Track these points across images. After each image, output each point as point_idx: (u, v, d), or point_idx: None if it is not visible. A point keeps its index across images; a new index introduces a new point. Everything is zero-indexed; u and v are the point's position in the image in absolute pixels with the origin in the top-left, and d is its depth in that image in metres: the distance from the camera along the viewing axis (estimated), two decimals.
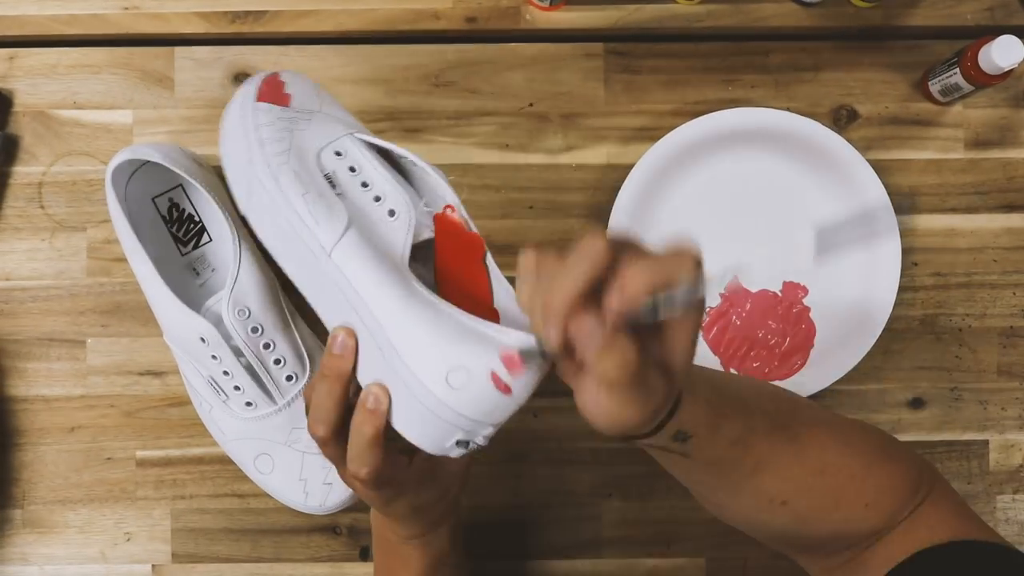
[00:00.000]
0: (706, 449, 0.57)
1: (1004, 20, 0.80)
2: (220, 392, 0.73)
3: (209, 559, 0.79)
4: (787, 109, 0.79)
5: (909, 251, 0.80)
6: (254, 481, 0.76)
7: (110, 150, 0.79)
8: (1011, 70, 0.72)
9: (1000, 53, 0.71)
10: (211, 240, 0.78)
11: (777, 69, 0.81)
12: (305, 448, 0.74)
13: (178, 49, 0.80)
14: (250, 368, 0.72)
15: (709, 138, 0.78)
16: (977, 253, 0.80)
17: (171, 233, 0.77)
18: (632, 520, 0.80)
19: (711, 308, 0.79)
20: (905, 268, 0.79)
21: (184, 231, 0.78)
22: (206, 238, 0.78)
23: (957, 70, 0.75)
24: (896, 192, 0.79)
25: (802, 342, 0.79)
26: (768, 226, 0.80)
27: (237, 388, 0.72)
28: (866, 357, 0.77)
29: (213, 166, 0.78)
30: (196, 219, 0.78)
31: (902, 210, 0.42)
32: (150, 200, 0.77)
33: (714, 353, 0.79)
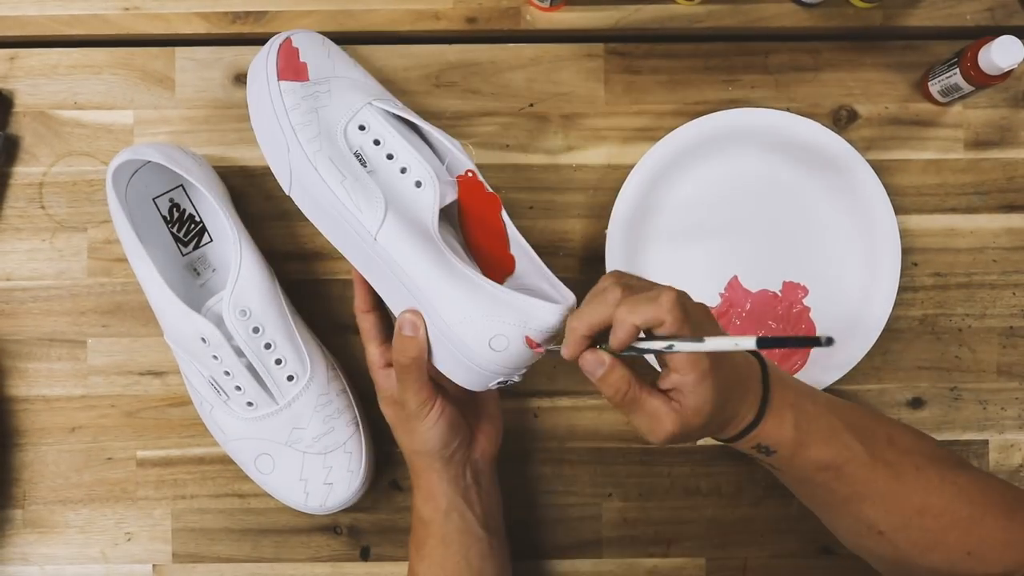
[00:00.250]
0: (792, 467, 0.61)
1: (1004, 20, 0.80)
2: (221, 392, 0.73)
3: (210, 559, 0.79)
4: (787, 109, 0.79)
5: (909, 251, 0.80)
6: (255, 481, 0.76)
7: (111, 150, 0.79)
8: (1011, 70, 0.72)
9: (1000, 53, 0.71)
10: (212, 240, 0.78)
11: (777, 69, 0.81)
12: (306, 448, 0.74)
13: (179, 49, 0.80)
14: (251, 368, 0.72)
15: (709, 138, 0.78)
16: (977, 253, 0.81)
17: (172, 233, 0.78)
18: (632, 520, 0.80)
19: (711, 308, 0.79)
20: (905, 268, 0.79)
21: (185, 231, 0.78)
22: (207, 238, 0.78)
23: (957, 70, 0.75)
24: (895, 193, 0.79)
25: None
26: (768, 226, 0.80)
27: (238, 388, 0.72)
28: (866, 357, 0.77)
29: (214, 166, 0.78)
30: (197, 219, 0.78)
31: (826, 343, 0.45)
32: (151, 200, 0.77)
33: None
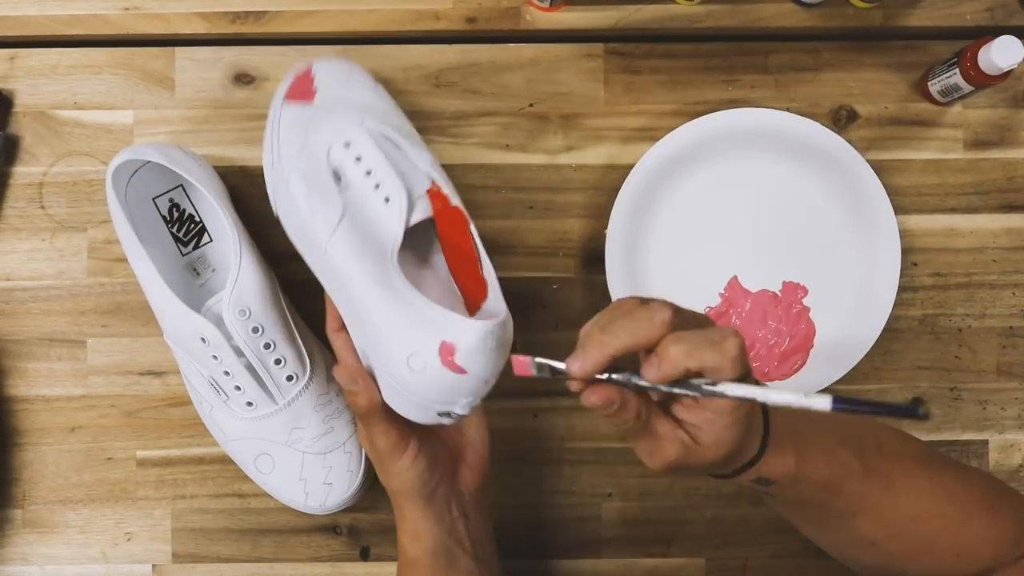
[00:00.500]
0: (789, 493, 0.58)
1: (1004, 20, 0.80)
2: (220, 392, 0.73)
3: (209, 559, 0.79)
4: (787, 109, 0.79)
5: (909, 251, 0.80)
6: (254, 481, 0.76)
7: (111, 150, 0.79)
8: (1011, 70, 0.72)
9: (1000, 53, 0.71)
10: (212, 240, 0.78)
11: (777, 69, 0.81)
12: (305, 448, 0.74)
13: (179, 49, 0.80)
14: (251, 368, 0.72)
15: (709, 138, 0.78)
16: (977, 253, 0.80)
17: (171, 233, 0.78)
18: (632, 520, 0.80)
19: (711, 308, 0.79)
20: (905, 268, 0.79)
21: (185, 231, 0.78)
22: (207, 238, 0.78)
23: (957, 70, 0.75)
24: (895, 193, 0.79)
25: (802, 342, 0.79)
26: (768, 226, 0.80)
27: (238, 388, 0.72)
28: (866, 357, 0.77)
29: (214, 166, 0.78)
30: (197, 219, 0.78)
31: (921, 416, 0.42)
32: (151, 200, 0.77)
33: None
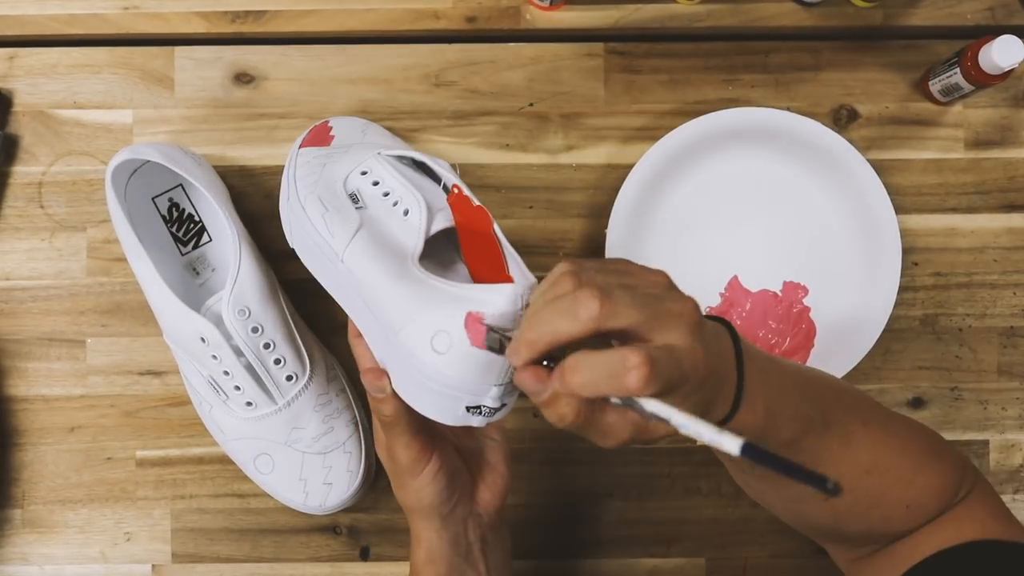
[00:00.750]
0: None
1: (1004, 20, 0.80)
2: (220, 392, 0.72)
3: (209, 559, 0.79)
4: (787, 109, 0.79)
5: (909, 251, 0.80)
6: (254, 481, 0.76)
7: (110, 150, 0.79)
8: (1011, 70, 0.72)
9: (1000, 53, 0.71)
10: (211, 240, 0.78)
11: (777, 69, 0.81)
12: (305, 448, 0.74)
13: (178, 49, 0.80)
14: (250, 368, 0.72)
15: (709, 138, 0.78)
16: (977, 253, 0.80)
17: (171, 233, 0.77)
18: (632, 520, 0.80)
19: (711, 308, 0.79)
20: (905, 268, 0.79)
21: (184, 231, 0.78)
22: (206, 238, 0.78)
23: (957, 70, 0.75)
24: (895, 192, 0.79)
25: (802, 342, 0.79)
26: (768, 226, 0.80)
27: (237, 388, 0.72)
28: (866, 357, 0.77)
29: (213, 166, 0.78)
30: (196, 219, 0.78)
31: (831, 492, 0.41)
32: (150, 200, 0.77)
33: None
